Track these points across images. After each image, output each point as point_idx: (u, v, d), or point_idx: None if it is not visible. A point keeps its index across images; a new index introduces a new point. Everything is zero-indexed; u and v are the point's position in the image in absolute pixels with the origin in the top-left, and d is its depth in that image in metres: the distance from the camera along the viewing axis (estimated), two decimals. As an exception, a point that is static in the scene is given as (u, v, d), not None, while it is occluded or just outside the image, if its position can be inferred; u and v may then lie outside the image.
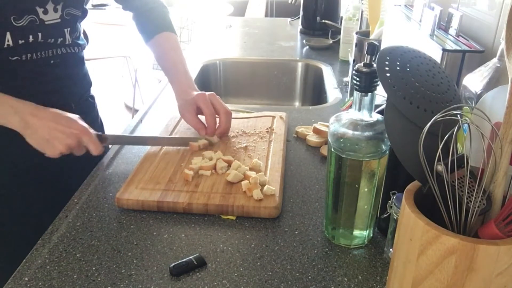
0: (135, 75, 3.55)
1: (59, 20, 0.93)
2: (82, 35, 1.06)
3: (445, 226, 0.49)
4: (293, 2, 2.33)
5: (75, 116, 0.87)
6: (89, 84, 1.15)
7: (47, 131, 0.82)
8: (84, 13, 1.01)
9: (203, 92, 1.02)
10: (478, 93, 0.64)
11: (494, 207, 0.51)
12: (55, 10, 0.92)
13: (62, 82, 1.00)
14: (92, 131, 0.88)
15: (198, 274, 0.67)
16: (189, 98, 1.01)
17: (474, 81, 0.67)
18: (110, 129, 1.20)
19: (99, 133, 0.91)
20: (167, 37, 1.12)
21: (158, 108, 1.27)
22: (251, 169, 0.89)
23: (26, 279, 0.66)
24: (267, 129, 1.08)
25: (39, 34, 0.90)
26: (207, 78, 1.70)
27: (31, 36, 0.89)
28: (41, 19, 0.90)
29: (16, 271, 0.68)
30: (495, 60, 0.65)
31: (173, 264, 0.68)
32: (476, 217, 0.49)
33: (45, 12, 0.90)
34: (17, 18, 0.86)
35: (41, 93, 0.94)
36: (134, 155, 1.01)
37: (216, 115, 1.00)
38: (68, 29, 0.96)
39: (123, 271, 0.68)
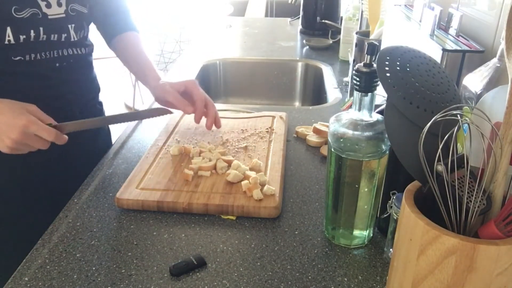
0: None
1: (64, 15, 0.91)
2: (89, 38, 1.03)
3: (445, 226, 0.49)
4: (293, 2, 2.33)
5: (28, 107, 0.80)
6: (97, 89, 1.11)
7: None
8: (91, 11, 0.99)
9: (192, 79, 1.02)
10: (478, 93, 0.64)
11: (494, 207, 0.51)
12: (59, 5, 0.90)
13: (67, 87, 0.98)
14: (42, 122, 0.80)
15: (198, 274, 0.67)
16: (173, 82, 1.00)
17: (474, 81, 0.67)
18: (110, 129, 1.20)
19: (53, 123, 0.83)
20: (130, 37, 1.10)
21: (158, 108, 1.27)
22: (251, 169, 0.89)
23: (26, 279, 0.66)
24: (267, 129, 1.08)
25: (41, 29, 0.88)
26: (207, 78, 1.70)
27: (32, 31, 0.87)
28: (44, 13, 0.88)
29: (16, 271, 0.68)
30: (495, 60, 0.65)
31: (173, 264, 0.68)
32: (476, 217, 0.49)
33: (48, 5, 0.88)
34: (19, 10, 0.84)
35: (43, 97, 0.92)
36: (134, 155, 1.01)
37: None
38: (73, 25, 0.94)
39: (123, 271, 0.68)
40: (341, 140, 0.65)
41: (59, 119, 0.94)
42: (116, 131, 1.16)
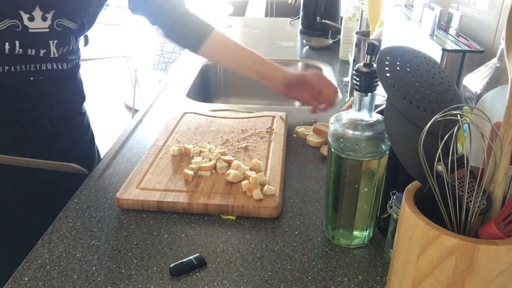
0: (135, 75, 3.54)
1: (47, 30, 0.85)
2: (78, 49, 0.97)
3: (445, 226, 0.49)
4: (293, 2, 2.33)
5: None
6: (80, 100, 1.05)
7: None
8: (82, 26, 0.92)
9: (317, 72, 1.14)
10: (478, 93, 0.65)
11: (494, 207, 0.51)
12: (44, 19, 0.83)
13: (40, 100, 0.92)
14: None
15: (198, 274, 0.67)
16: (298, 73, 1.11)
17: (474, 81, 0.67)
18: (110, 129, 1.20)
19: None
20: (218, 35, 1.10)
21: (158, 108, 1.27)
22: (251, 169, 0.89)
23: (26, 279, 0.66)
24: (267, 129, 1.08)
25: (17, 42, 0.82)
26: (207, 78, 1.70)
27: (7, 44, 0.81)
28: (25, 25, 0.82)
29: (16, 271, 0.68)
30: (495, 60, 0.65)
31: (173, 264, 0.68)
32: (476, 217, 0.49)
33: (31, 19, 0.82)
34: None
35: (13, 108, 0.89)
36: (134, 155, 1.01)
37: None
38: (55, 41, 0.87)
39: (123, 271, 0.68)
40: (341, 140, 0.65)
41: (29, 130, 0.92)
42: (116, 131, 1.16)
